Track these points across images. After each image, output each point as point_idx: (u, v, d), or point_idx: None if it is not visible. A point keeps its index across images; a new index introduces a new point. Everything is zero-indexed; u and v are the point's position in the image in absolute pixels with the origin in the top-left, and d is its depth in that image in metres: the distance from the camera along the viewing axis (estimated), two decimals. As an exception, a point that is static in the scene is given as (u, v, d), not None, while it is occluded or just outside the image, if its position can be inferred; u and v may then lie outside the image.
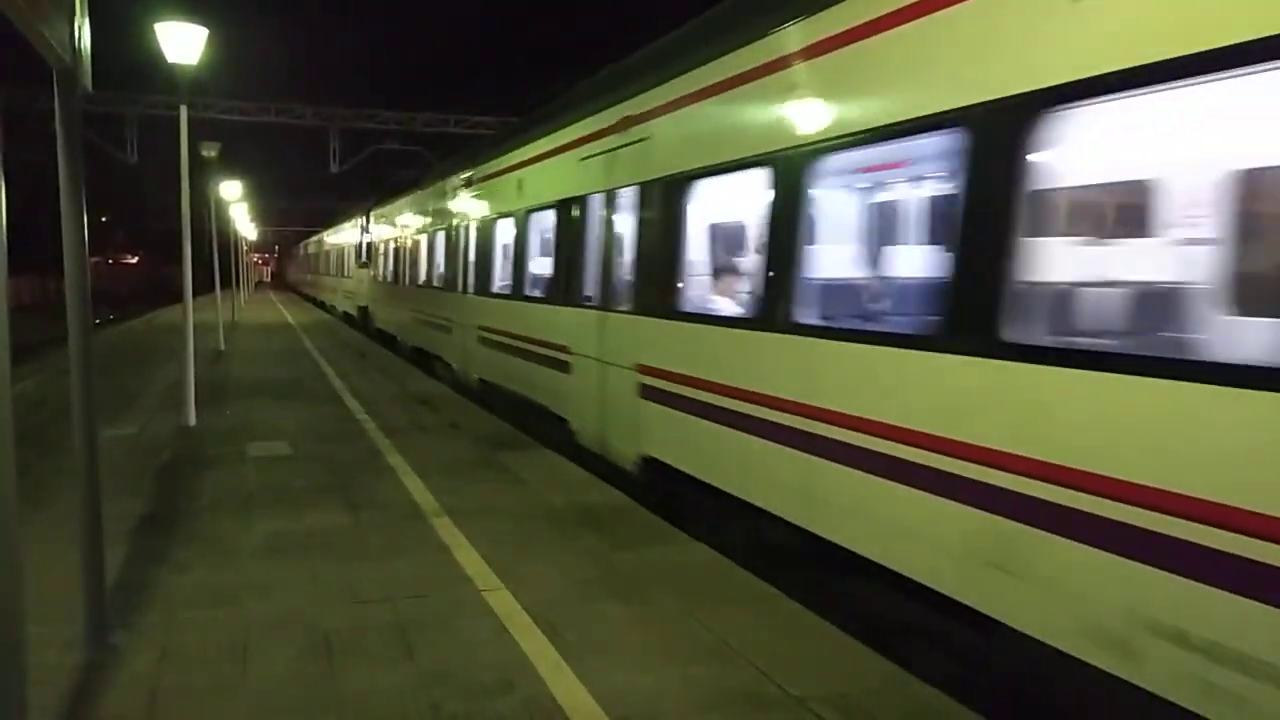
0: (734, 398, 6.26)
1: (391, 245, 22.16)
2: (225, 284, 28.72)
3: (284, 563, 5.91)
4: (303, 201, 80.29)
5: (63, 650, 4.40)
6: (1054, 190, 4.72)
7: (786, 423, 5.67)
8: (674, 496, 7.37)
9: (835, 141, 5.39)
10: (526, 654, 4.57)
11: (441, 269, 16.01)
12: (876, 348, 5.05)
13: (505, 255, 12.31)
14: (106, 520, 4.68)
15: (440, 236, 16.25)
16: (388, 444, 9.74)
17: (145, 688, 4.14)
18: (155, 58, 11.17)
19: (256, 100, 41.30)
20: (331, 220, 39.29)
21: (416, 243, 18.68)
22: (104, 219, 77.24)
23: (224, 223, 32.49)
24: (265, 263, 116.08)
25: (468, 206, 14.24)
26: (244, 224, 44.82)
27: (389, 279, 22.31)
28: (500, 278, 12.59)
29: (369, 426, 10.82)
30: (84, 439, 4.44)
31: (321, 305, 41.98)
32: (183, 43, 10.84)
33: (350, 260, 30.70)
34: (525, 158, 11.34)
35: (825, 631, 4.93)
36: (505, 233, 12.21)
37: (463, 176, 14.77)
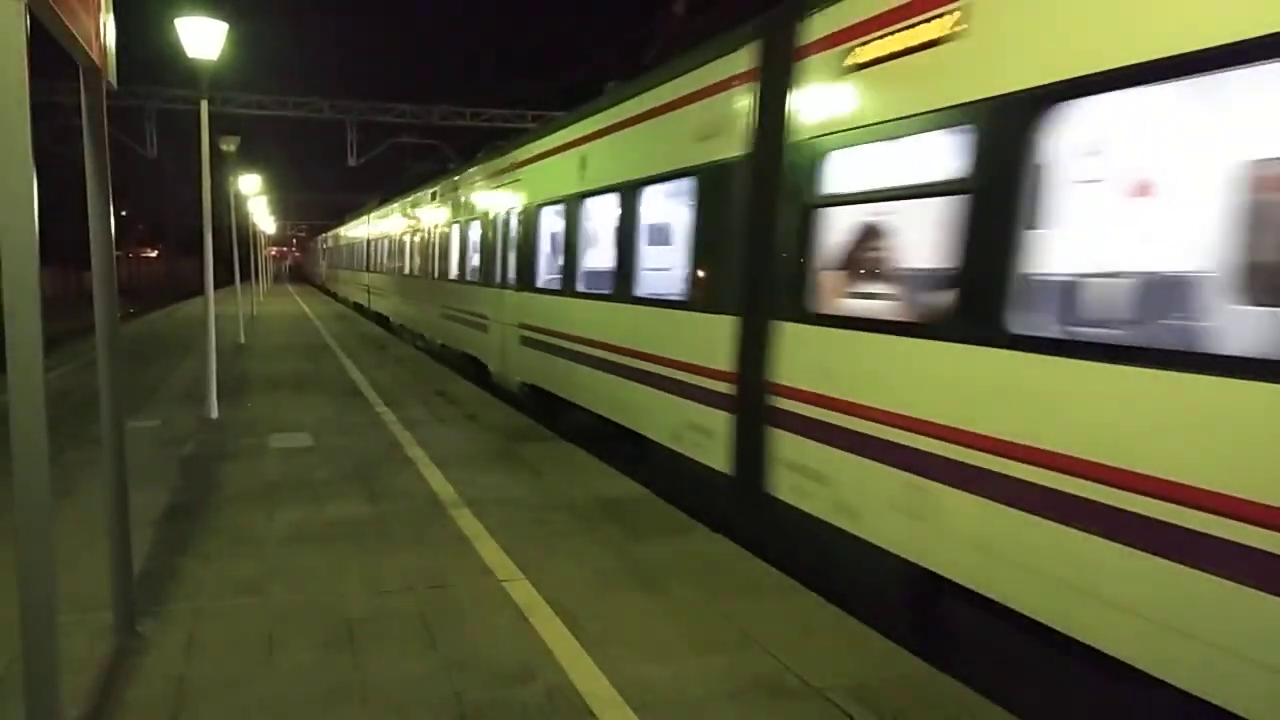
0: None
1: (329, 251, 52.63)
2: (244, 277, 28.92)
3: (307, 553, 5.97)
4: (321, 195, 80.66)
5: (92, 638, 4.47)
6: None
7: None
8: None
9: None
10: (547, 643, 4.61)
11: (340, 260, 43.62)
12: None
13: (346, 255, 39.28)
14: (132, 510, 4.74)
15: (340, 248, 44.67)
16: (407, 436, 9.80)
17: (173, 675, 4.21)
18: (174, 52, 11.23)
19: (275, 94, 41.46)
20: (336, 224, 54.93)
21: (335, 249, 48.06)
22: (124, 213, 77.81)
23: (243, 216, 32.70)
24: (283, 256, 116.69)
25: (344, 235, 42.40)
26: (262, 218, 45.06)
27: (328, 265, 53.84)
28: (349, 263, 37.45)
29: (388, 418, 10.89)
30: (111, 430, 4.49)
31: (328, 292, 53.64)
32: (203, 38, 10.89)
33: (321, 259, 61.60)
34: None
35: (845, 623, 4.95)
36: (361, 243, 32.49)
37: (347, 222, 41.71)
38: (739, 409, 6.55)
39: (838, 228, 5.81)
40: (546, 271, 11.29)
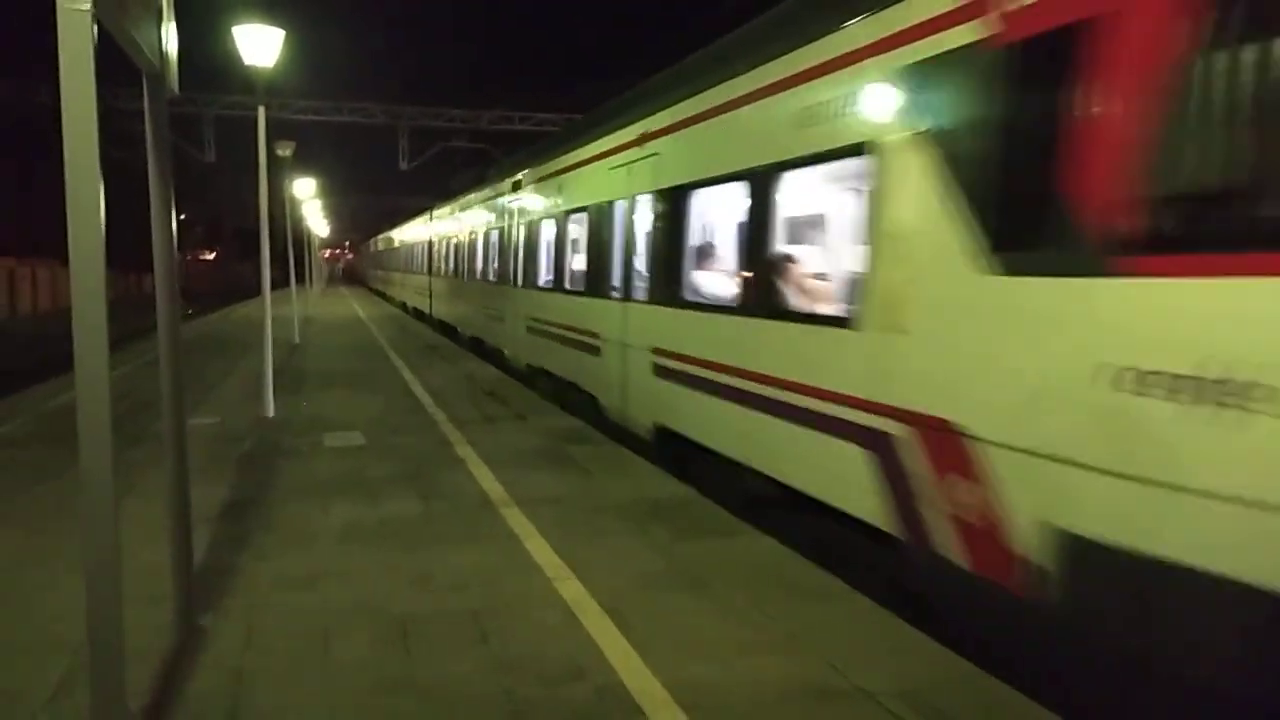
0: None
1: (373, 254, 62.90)
2: (299, 279, 29.43)
3: (361, 550, 6.07)
4: (373, 199, 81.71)
5: (153, 632, 4.56)
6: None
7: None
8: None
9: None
10: (597, 643, 4.63)
11: (387, 264, 49.35)
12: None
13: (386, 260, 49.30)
14: (192, 507, 4.85)
15: (380, 251, 55.04)
16: (457, 435, 9.90)
17: (232, 668, 4.30)
18: (231, 58, 11.45)
19: (329, 99, 42.18)
20: (385, 227, 57.79)
21: (379, 254, 55.41)
22: (182, 216, 79.51)
23: (297, 220, 33.29)
24: (336, 259, 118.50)
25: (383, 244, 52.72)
26: (316, 221, 45.83)
27: (371, 268, 65.10)
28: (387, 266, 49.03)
29: (439, 418, 11.01)
30: (172, 428, 4.59)
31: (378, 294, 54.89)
32: (260, 45, 11.10)
33: (369, 262, 69.07)
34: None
35: (894, 626, 4.90)
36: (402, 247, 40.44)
37: (383, 234, 53.66)
38: (430, 301, 28.48)
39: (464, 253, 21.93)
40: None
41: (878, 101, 5.38)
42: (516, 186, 15.47)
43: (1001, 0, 4.40)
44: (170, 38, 4.38)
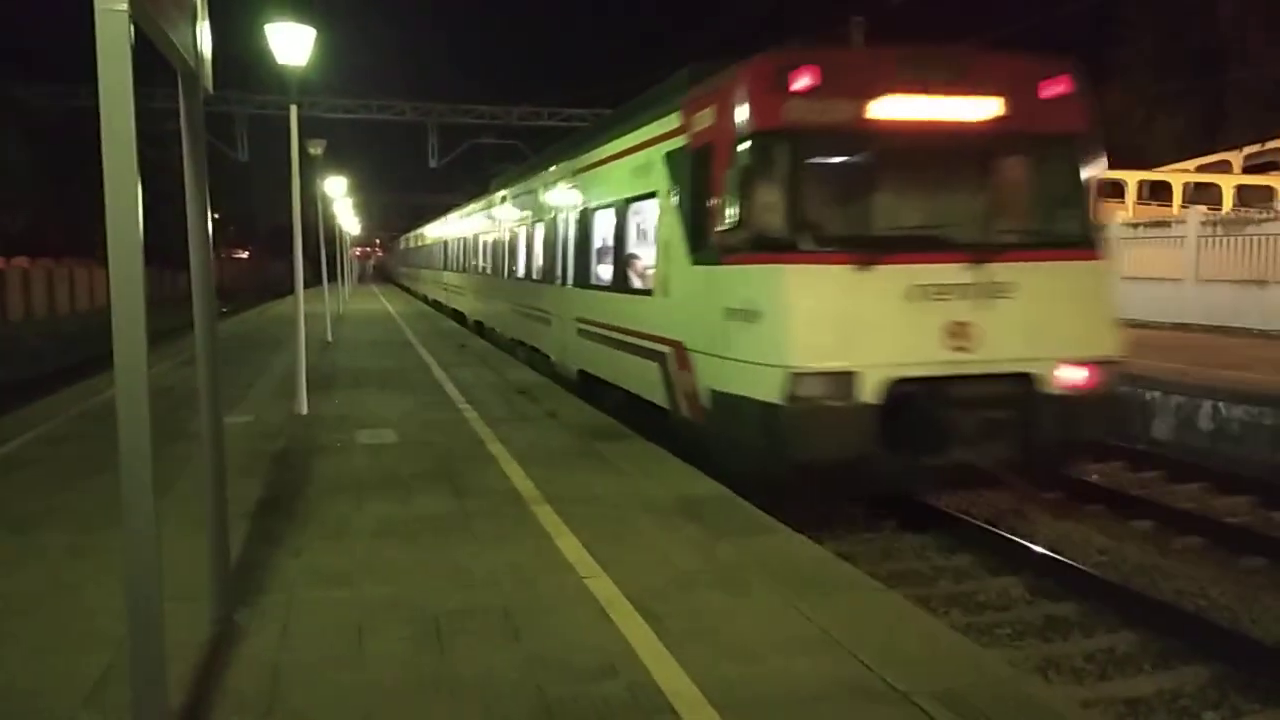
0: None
1: (400, 252, 66.70)
2: (331, 277, 29.67)
3: (394, 546, 6.09)
4: (403, 196, 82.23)
5: (191, 628, 4.62)
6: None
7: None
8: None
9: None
10: (629, 641, 4.62)
11: (413, 262, 52.29)
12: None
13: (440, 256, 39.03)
14: (228, 503, 4.89)
15: (406, 250, 59.23)
16: (489, 433, 9.93)
17: (268, 664, 4.34)
18: (262, 57, 11.49)
19: (359, 98, 42.53)
20: (411, 226, 60.49)
21: (406, 252, 58.67)
22: (216, 215, 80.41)
23: (329, 218, 33.57)
24: (366, 256, 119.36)
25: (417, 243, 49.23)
26: (348, 219, 46.17)
27: (399, 265, 67.82)
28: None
29: (470, 416, 11.05)
30: (210, 427, 4.64)
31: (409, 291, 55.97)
32: (291, 43, 11.15)
33: (398, 260, 71.90)
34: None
35: (931, 626, 4.86)
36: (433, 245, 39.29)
37: (409, 233, 57.31)
38: (446, 293, 33.29)
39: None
40: None
41: (657, 170, 9.60)
42: (504, 199, 19.96)
43: (684, 126, 8.88)
44: (205, 37, 4.41)
